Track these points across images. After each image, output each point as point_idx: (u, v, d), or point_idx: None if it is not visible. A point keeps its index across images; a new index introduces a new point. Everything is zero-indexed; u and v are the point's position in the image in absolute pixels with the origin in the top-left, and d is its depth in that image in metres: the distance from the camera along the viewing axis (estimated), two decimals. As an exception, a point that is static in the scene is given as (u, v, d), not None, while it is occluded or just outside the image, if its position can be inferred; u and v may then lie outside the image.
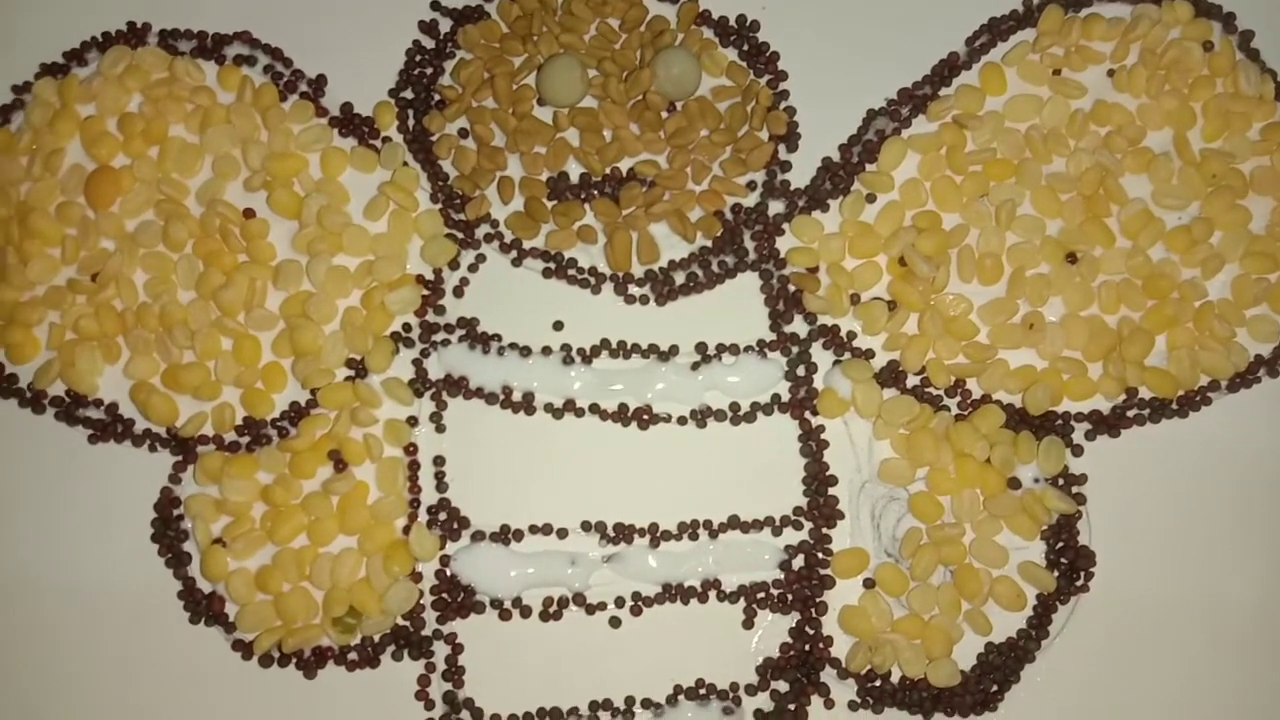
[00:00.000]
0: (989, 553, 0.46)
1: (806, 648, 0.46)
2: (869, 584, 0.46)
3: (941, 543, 0.46)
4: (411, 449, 0.47)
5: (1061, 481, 0.46)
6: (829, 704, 0.45)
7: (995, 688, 0.45)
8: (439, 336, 0.47)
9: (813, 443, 0.47)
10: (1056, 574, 0.46)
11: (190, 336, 0.46)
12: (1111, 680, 0.46)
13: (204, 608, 0.46)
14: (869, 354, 0.48)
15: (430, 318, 0.48)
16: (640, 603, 0.46)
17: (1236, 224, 0.48)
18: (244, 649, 0.46)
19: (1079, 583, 0.46)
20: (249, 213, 0.47)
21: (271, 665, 0.46)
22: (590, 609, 0.46)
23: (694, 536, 0.46)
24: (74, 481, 0.47)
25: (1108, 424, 0.47)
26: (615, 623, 0.46)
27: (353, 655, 0.45)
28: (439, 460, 0.47)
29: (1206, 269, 0.47)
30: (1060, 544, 0.46)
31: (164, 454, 0.47)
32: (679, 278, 0.48)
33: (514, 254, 0.48)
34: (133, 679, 0.46)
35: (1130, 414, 0.47)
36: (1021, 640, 0.46)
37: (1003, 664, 0.45)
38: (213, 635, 0.46)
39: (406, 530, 0.46)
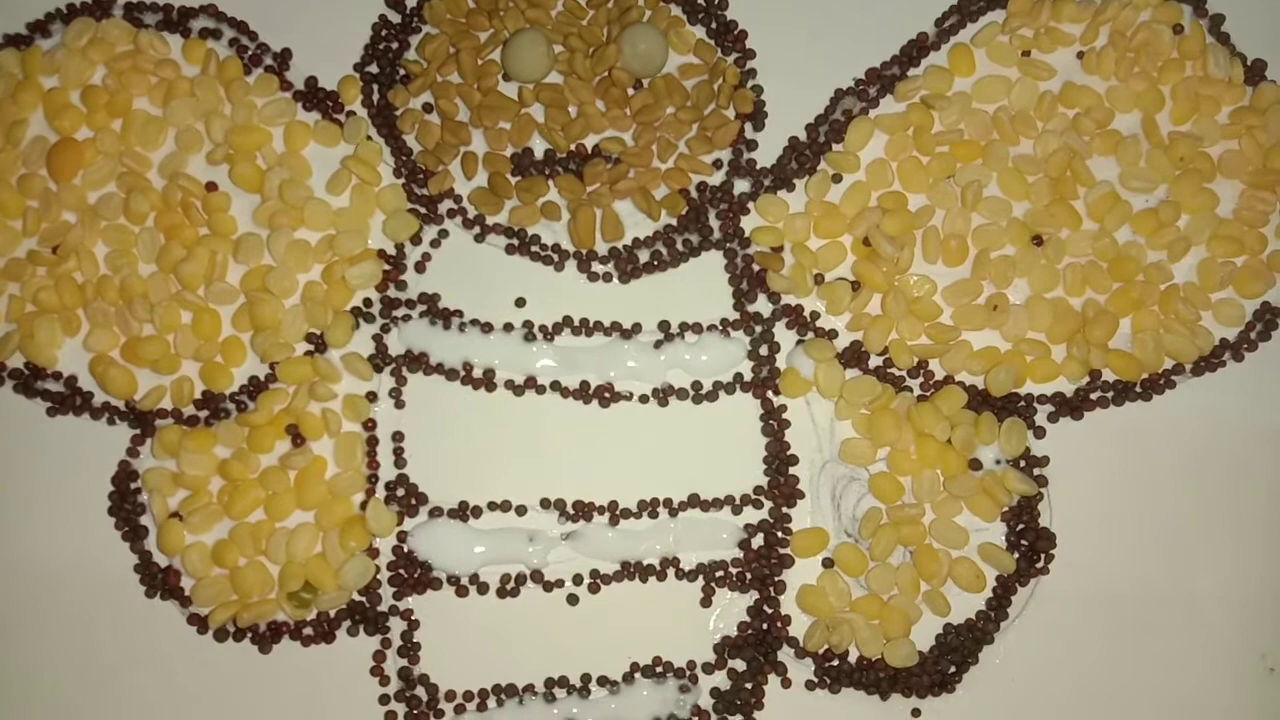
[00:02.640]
0: (949, 534, 0.46)
1: (764, 626, 0.45)
2: (828, 563, 0.46)
3: (901, 523, 0.46)
4: (370, 424, 0.47)
5: (1023, 463, 0.46)
6: (786, 683, 0.45)
7: (953, 669, 0.45)
8: (400, 312, 0.47)
9: (774, 422, 0.47)
10: (1016, 556, 0.46)
11: (150, 310, 0.46)
12: (1070, 663, 0.46)
13: (160, 581, 0.46)
14: (832, 334, 0.47)
15: (391, 293, 0.47)
16: (598, 580, 0.46)
17: (1204, 207, 0.47)
18: (199, 623, 0.45)
19: (1039, 565, 0.46)
20: (211, 186, 0.47)
21: (226, 639, 0.45)
22: (548, 586, 0.46)
23: (654, 514, 0.46)
24: (32, 453, 0.47)
25: (1070, 406, 0.47)
26: (573, 600, 0.46)
27: (308, 630, 0.45)
28: (398, 436, 0.47)
29: (1173, 252, 0.47)
30: (1021, 526, 0.46)
31: (122, 427, 0.47)
32: (643, 256, 0.48)
33: (477, 230, 0.48)
34: (88, 652, 0.45)
35: (1094, 396, 0.47)
36: (980, 622, 0.46)
37: (961, 645, 0.45)
38: (168, 609, 0.46)
39: (364, 506, 0.46)
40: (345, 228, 0.47)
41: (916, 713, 0.45)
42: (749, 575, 0.46)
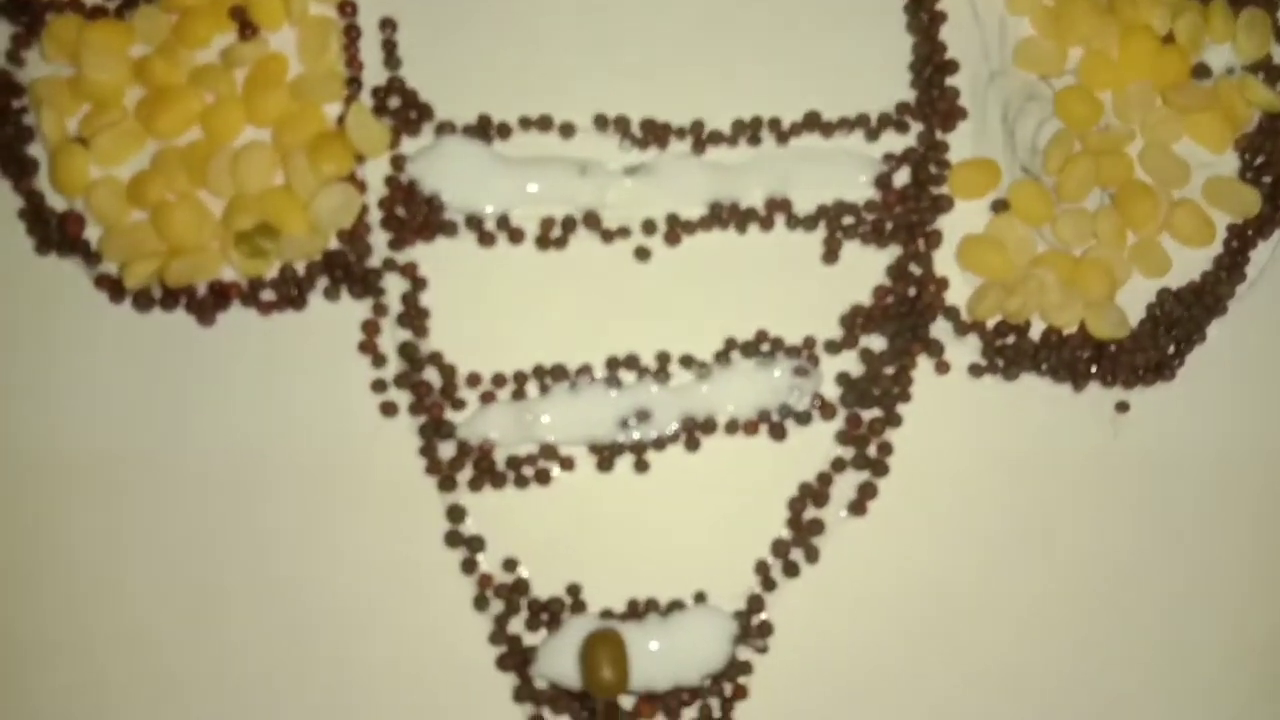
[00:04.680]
0: (1165, 167, 0.33)
1: (912, 292, 0.33)
2: (999, 206, 0.33)
3: (1099, 153, 0.33)
4: (349, 8, 0.33)
5: (1263, 72, 0.34)
6: (942, 367, 0.32)
7: (1172, 348, 0.33)
8: None
9: (925, 14, 0.33)
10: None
11: None
12: (1329, 341, 0.33)
13: (56, 231, 0.32)
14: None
15: None
16: (678, 228, 0.33)
17: None
18: (111, 286, 0.32)
19: (1287, 210, 0.33)
20: None
21: (151, 308, 0.32)
22: (608, 235, 0.32)
23: (754, 140, 0.33)
24: None
25: (1330, -7, 0.34)
26: (643, 254, 0.33)
27: (267, 293, 0.32)
28: (388, 25, 0.33)
29: None
30: (1261, 157, 0.33)
31: (-2, 21, 0.33)
32: None
33: None
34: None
35: (1358, -12, 0.34)
36: (1208, 285, 0.33)
37: (1182, 317, 0.33)
38: (69, 269, 0.32)
39: (341, 121, 0.32)
40: None
41: (1123, 406, 0.33)
42: (889, 223, 0.33)
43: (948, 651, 0.31)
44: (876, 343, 0.32)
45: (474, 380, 0.32)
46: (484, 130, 0.33)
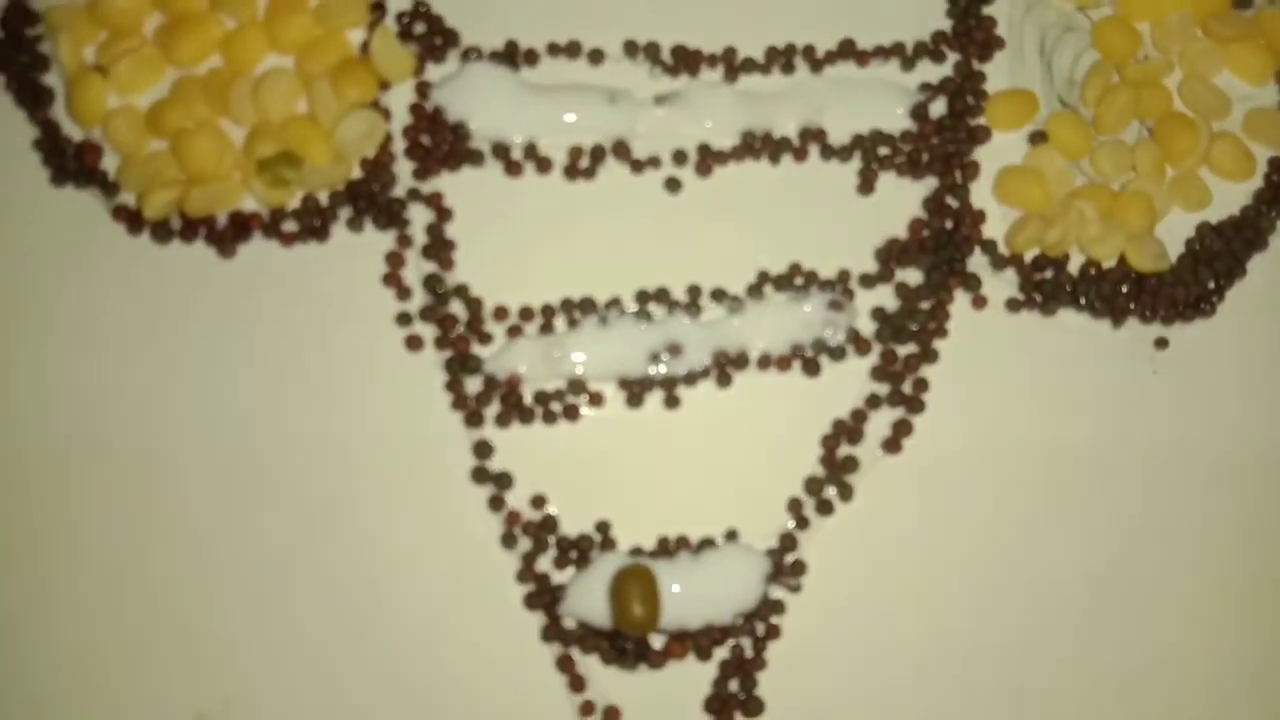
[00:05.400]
0: (1204, 99, 0.32)
1: (948, 224, 0.32)
2: (1037, 138, 0.32)
3: (1138, 84, 0.32)
4: (373, -72, 0.32)
5: (1308, 5, 0.33)
6: (979, 302, 0.32)
7: (1212, 283, 0.32)
8: None
9: (960, -58, 0.33)
10: (1300, 129, 0.32)
11: None
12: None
13: (73, 161, 0.31)
14: None
15: None
16: (709, 158, 0.32)
17: None
18: (130, 218, 0.31)
19: (1330, 144, 0.32)
20: None
21: (171, 240, 0.31)
22: (638, 165, 0.32)
23: (788, 68, 0.32)
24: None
25: (1375, -77, 0.33)
26: (674, 185, 0.32)
27: (289, 223, 0.31)
28: (414, -51, 0.32)
29: None
30: (1305, 89, 0.33)
31: (9, -56, 0.32)
32: None
33: None
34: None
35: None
36: (1249, 219, 0.32)
37: (1222, 251, 0.32)
38: (86, 201, 0.31)
39: (365, 49, 0.32)
40: None
41: (1162, 343, 0.32)
42: (926, 154, 0.32)
43: (983, 590, 0.31)
44: (912, 276, 0.32)
45: (501, 314, 0.31)
46: (511, 56, 0.32)
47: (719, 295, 0.31)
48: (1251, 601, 0.31)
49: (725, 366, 0.31)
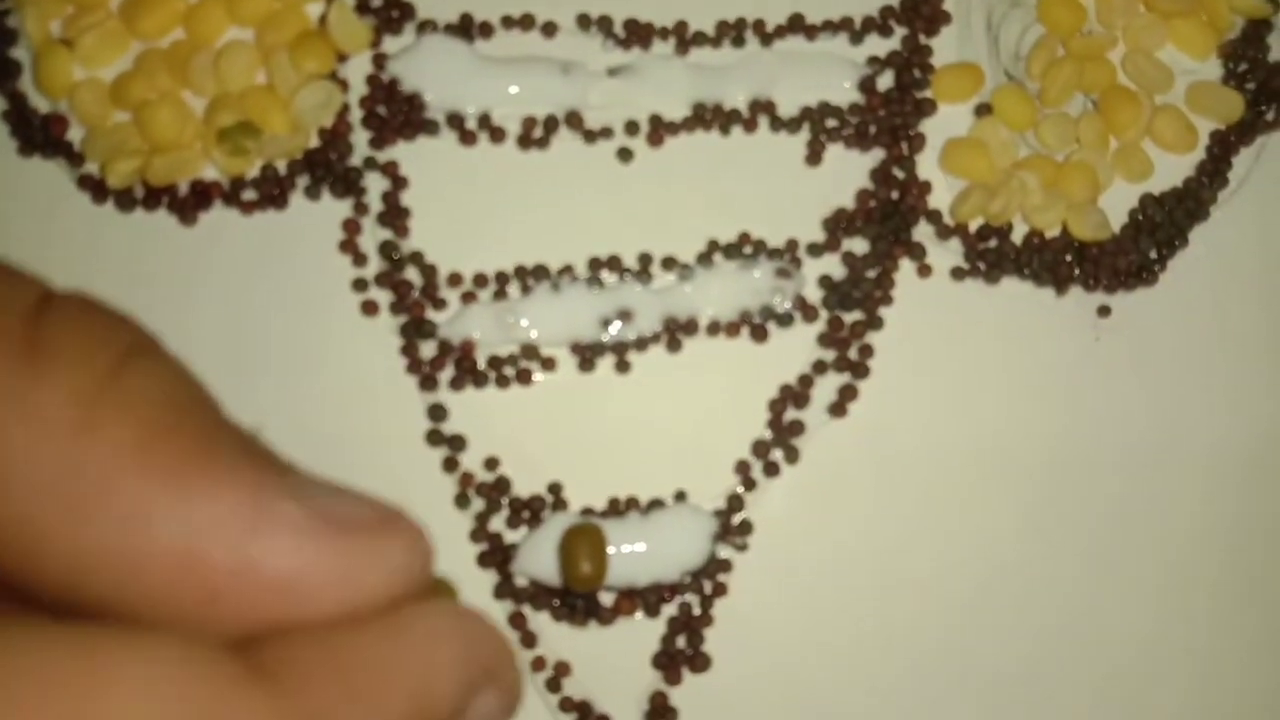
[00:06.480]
0: (1148, 72, 0.33)
1: (894, 195, 0.33)
2: (983, 110, 0.33)
3: (1082, 58, 0.33)
4: (330, -96, 0.33)
5: (1250, -20, 0.33)
6: (924, 270, 0.32)
7: (1154, 253, 0.33)
8: None
9: (908, -83, 0.33)
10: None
11: None
12: (1310, 254, 0.33)
13: (40, 133, 0.32)
14: None
15: None
16: (661, 129, 0.32)
17: None
18: (94, 187, 0.32)
19: (1269, 116, 0.33)
20: None
21: (134, 209, 0.32)
22: (590, 135, 0.32)
23: (738, 41, 0.33)
24: None
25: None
26: (625, 155, 0.33)
27: (248, 192, 0.32)
28: (369, -78, 0.33)
29: None
30: (1244, 64, 0.33)
31: (-27, -85, 0.33)
32: None
33: None
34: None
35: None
36: (1190, 190, 0.33)
37: (1164, 222, 0.33)
38: (52, 171, 0.32)
39: (323, 20, 0.32)
40: None
41: (1104, 310, 0.33)
42: (873, 126, 0.33)
43: (925, 552, 0.31)
44: (859, 245, 0.32)
45: (455, 280, 0.32)
46: (466, 29, 0.33)
47: (669, 263, 0.32)
48: (1189, 553, 0.32)
49: (675, 332, 0.32)
